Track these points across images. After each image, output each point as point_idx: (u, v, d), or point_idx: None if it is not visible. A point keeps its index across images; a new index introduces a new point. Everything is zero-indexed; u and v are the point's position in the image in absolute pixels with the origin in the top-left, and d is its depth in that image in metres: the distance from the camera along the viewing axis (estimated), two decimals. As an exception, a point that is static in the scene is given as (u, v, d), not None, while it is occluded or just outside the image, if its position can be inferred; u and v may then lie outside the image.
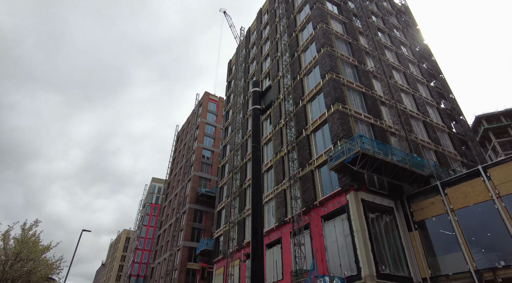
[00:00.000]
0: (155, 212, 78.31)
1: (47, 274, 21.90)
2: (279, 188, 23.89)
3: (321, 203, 19.09)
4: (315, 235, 18.94)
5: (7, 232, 21.23)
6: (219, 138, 57.45)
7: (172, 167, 67.18)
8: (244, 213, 28.40)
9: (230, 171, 34.56)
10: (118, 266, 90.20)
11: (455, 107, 30.15)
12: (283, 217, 22.03)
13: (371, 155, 16.29)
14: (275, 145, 26.45)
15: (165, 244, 51.89)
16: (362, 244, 15.44)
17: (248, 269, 25.56)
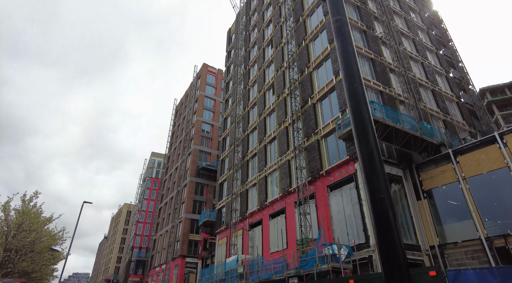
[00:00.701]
0: (156, 186, 78.71)
1: (50, 244, 21.84)
2: (283, 158, 23.39)
3: (328, 172, 18.65)
4: (320, 204, 18.66)
5: (7, 203, 20.89)
6: (218, 112, 56.45)
7: (172, 141, 66.60)
8: (246, 184, 28.13)
9: (231, 144, 33.98)
10: (120, 238, 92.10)
11: (464, 76, 29.14)
12: (287, 188, 21.71)
13: (382, 121, 15.60)
14: (278, 115, 25.65)
15: (167, 216, 52.39)
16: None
17: (251, 239, 25.68)
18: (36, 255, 21.40)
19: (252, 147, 29.46)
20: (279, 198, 22.51)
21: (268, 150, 26.34)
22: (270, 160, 25.66)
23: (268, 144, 26.48)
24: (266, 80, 30.03)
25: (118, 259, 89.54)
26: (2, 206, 20.86)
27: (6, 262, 19.90)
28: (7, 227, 20.56)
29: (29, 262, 20.82)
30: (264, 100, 29.08)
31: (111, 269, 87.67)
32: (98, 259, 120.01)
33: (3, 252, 20.04)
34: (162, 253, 49.20)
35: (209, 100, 56.41)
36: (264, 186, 24.85)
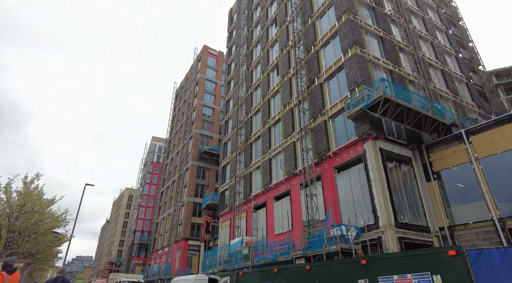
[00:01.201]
0: (157, 171, 78.71)
1: (54, 226, 21.71)
2: (288, 140, 22.94)
3: (335, 153, 18.23)
4: (327, 186, 18.36)
5: (8, 185, 20.59)
6: (219, 95, 55.62)
7: (172, 125, 66.02)
8: (250, 167, 27.80)
9: (234, 126, 33.46)
10: (122, 222, 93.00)
11: (474, 56, 28.31)
12: (292, 170, 21.36)
13: (394, 100, 15.05)
14: (283, 96, 25.01)
15: (169, 200, 52.50)
16: (380, 194, 14.82)
17: (254, 221, 25.58)
18: (40, 237, 21.30)
19: (255, 129, 28.96)
20: (284, 180, 22.21)
21: (272, 132, 25.85)
22: (274, 142, 25.22)
23: (272, 126, 25.97)
24: (270, 61, 29.20)
25: (121, 243, 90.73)
26: (3, 187, 20.56)
27: (10, 243, 19.79)
28: (9, 209, 20.33)
29: (33, 244, 20.73)
30: (268, 82, 28.35)
31: (113, 252, 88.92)
32: (101, 243, 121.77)
33: (6, 233, 19.90)
34: (164, 236, 49.58)
35: (210, 83, 55.45)
36: (269, 168, 24.51)
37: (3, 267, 6.18)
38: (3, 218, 20.09)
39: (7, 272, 6.07)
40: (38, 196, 21.44)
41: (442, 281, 8.27)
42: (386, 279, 9.82)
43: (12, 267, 6.19)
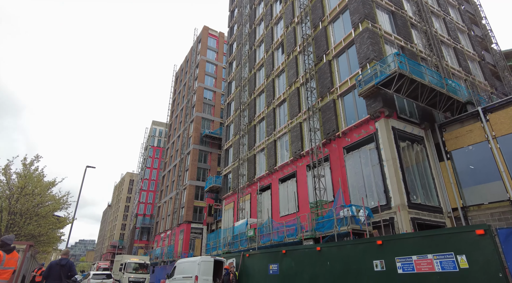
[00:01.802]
0: (158, 155, 78.35)
1: (55, 208, 21.34)
2: (294, 121, 22.25)
3: (344, 133, 17.60)
4: (335, 167, 17.82)
5: (8, 166, 20.05)
6: (220, 78, 54.47)
7: (173, 108, 65.09)
8: (254, 149, 27.24)
9: (237, 108, 32.66)
10: (124, 206, 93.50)
11: (486, 34, 27.23)
12: (298, 151, 20.79)
13: (409, 76, 14.28)
14: (289, 75, 24.12)
15: (171, 184, 52.30)
16: (393, 173, 14.29)
17: (259, 203, 25.25)
18: (42, 219, 20.95)
19: (259, 110, 28.20)
20: (289, 161, 21.67)
21: (277, 113, 25.12)
22: (279, 124, 24.53)
23: (277, 107, 25.21)
24: (275, 39, 28.09)
25: (123, 226, 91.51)
26: (2, 169, 20.03)
27: (11, 225, 19.45)
28: (9, 191, 19.87)
29: (35, 226, 20.40)
30: (272, 61, 27.36)
31: (116, 235, 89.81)
32: (103, 227, 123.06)
33: (7, 215, 19.52)
34: (166, 219, 49.66)
35: (210, 65, 54.16)
36: (273, 150, 23.94)
37: (0, 246, 5.66)
38: (4, 200, 19.66)
39: (4, 251, 5.56)
40: (38, 178, 20.95)
41: (467, 262, 7.81)
42: (404, 260, 9.38)
43: (10, 246, 5.68)
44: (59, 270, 6.85)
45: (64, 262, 6.95)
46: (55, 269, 6.86)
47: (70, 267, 7.01)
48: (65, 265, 6.95)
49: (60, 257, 7.22)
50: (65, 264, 6.91)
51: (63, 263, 6.93)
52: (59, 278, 6.76)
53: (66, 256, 7.23)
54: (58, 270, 6.83)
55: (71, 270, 7.00)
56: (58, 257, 59.64)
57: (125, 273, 24.65)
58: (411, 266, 9.12)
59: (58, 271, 6.82)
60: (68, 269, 6.96)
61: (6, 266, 5.49)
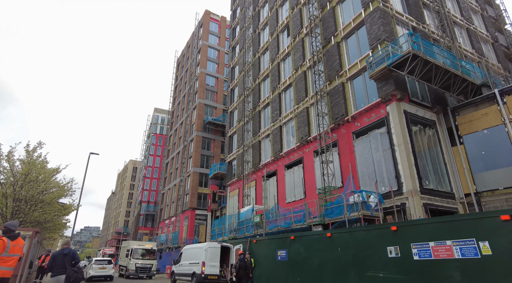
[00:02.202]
0: (160, 142, 78.19)
1: (60, 195, 21.20)
2: (300, 106, 21.73)
3: (354, 117, 17.10)
4: (344, 152, 17.42)
5: (11, 153, 19.80)
6: (223, 64, 53.52)
7: (175, 95, 64.40)
8: (259, 135, 26.82)
9: (240, 94, 32.06)
10: (127, 194, 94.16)
11: (500, 15, 26.21)
12: (305, 137, 20.36)
13: (423, 57, 13.66)
14: (295, 59, 23.43)
15: (174, 171, 52.26)
16: (404, 158, 13.88)
17: (264, 190, 25.04)
18: (47, 206, 20.86)
19: (264, 96, 27.62)
20: (296, 147, 21.28)
21: (282, 98, 24.55)
22: (285, 109, 24.01)
23: (282, 92, 24.62)
24: (280, 21, 27.20)
25: (127, 213, 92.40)
26: (5, 156, 19.77)
27: (17, 212, 19.35)
28: (13, 178, 19.69)
29: (40, 212, 20.31)
30: (277, 44, 26.57)
31: (120, 222, 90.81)
32: (108, 213, 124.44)
33: (12, 202, 19.42)
34: (171, 206, 49.86)
35: (212, 50, 53.13)
36: (279, 136, 23.51)
37: (4, 232, 5.36)
38: (8, 186, 19.51)
39: (8, 237, 5.26)
40: (42, 165, 20.73)
41: (490, 248, 7.49)
42: (420, 246, 9.09)
43: (14, 232, 5.39)
44: (62, 259, 6.93)
45: (67, 251, 7.05)
46: (59, 258, 6.94)
47: (73, 255, 7.11)
48: (68, 254, 7.03)
49: (62, 247, 7.32)
50: (68, 253, 7.01)
51: (65, 252, 7.03)
52: (64, 267, 6.84)
53: (67, 245, 7.33)
54: (62, 259, 6.92)
55: (74, 258, 7.11)
56: None
57: (132, 259, 23.67)
58: (428, 253, 8.82)
59: (62, 260, 6.91)
60: (71, 257, 7.05)
61: (12, 253, 5.22)
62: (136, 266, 23.26)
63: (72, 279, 6.82)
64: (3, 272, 5.08)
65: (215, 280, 16.63)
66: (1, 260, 5.07)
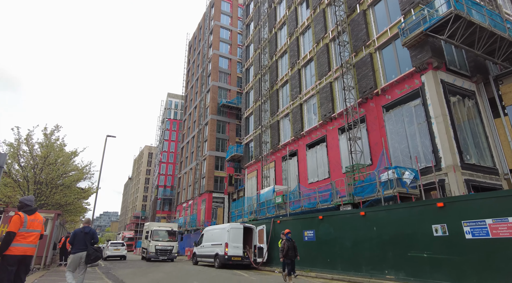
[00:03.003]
0: (175, 127, 78.24)
1: (79, 178, 21.06)
2: (323, 81, 20.54)
3: (384, 90, 15.89)
4: (373, 127, 16.33)
5: (29, 136, 19.61)
6: (236, 44, 52.08)
7: (188, 79, 63.61)
8: (277, 115, 25.86)
9: (256, 73, 30.91)
10: (144, 179, 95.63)
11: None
12: (329, 114, 19.29)
13: (467, 17, 12.23)
14: (315, 31, 22.03)
15: (190, 155, 52.17)
16: (443, 131, 12.74)
17: (284, 170, 24.31)
18: (67, 189, 20.79)
19: (282, 73, 26.43)
20: (318, 125, 20.26)
21: (302, 74, 23.34)
22: (305, 86, 22.85)
23: (302, 68, 23.39)
24: (298, -7, 25.61)
25: (144, 198, 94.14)
26: (24, 139, 19.61)
27: (38, 194, 19.32)
28: (33, 161, 19.57)
29: (61, 195, 20.27)
30: (295, 17, 25.10)
31: (138, 207, 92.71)
32: (125, 198, 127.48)
33: (33, 184, 19.38)
34: (188, 189, 50.05)
35: (225, 31, 51.62)
36: (299, 114, 22.49)
37: (20, 208, 4.81)
38: (29, 170, 19.43)
39: (25, 212, 4.69)
40: (60, 148, 20.52)
41: None
42: (474, 224, 8.16)
43: (31, 207, 4.83)
44: (83, 237, 7.13)
45: (88, 230, 7.26)
46: (80, 236, 7.14)
47: (93, 235, 7.31)
48: (89, 233, 7.24)
49: (82, 225, 7.58)
50: (88, 232, 7.23)
51: (86, 230, 7.23)
52: (84, 244, 7.07)
53: (88, 224, 7.54)
54: (83, 237, 7.13)
55: (94, 237, 7.31)
56: None
57: (151, 241, 22.61)
58: (485, 231, 7.90)
59: (83, 238, 7.12)
60: (91, 236, 7.26)
61: (30, 228, 4.69)
62: (156, 248, 22.24)
63: (92, 257, 7.01)
64: (24, 249, 4.56)
65: (238, 261, 16.25)
66: (21, 236, 4.59)
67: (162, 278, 11.62)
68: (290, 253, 9.87)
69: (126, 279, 11.19)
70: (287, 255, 9.85)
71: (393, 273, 9.96)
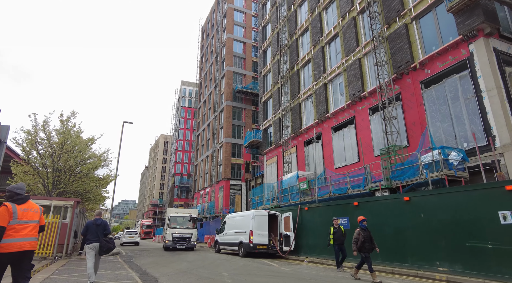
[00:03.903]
0: (190, 115, 77.83)
1: (97, 165, 20.58)
2: (350, 58, 19.03)
3: (422, 64, 14.34)
4: (410, 105, 14.88)
5: (46, 123, 19.12)
6: (250, 27, 50.35)
7: (201, 65, 62.49)
8: (298, 98, 24.52)
9: (274, 54, 29.45)
10: (160, 167, 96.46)
11: None
12: (358, 92, 17.86)
13: (529, -27, 10.50)
14: (340, 5, 20.36)
15: (206, 142, 51.60)
16: (497, 106, 11.24)
17: (307, 156, 23.17)
18: (85, 177, 20.37)
19: (303, 52, 24.92)
20: (346, 106, 18.89)
21: (326, 52, 21.82)
22: (330, 64, 21.36)
23: (326, 45, 21.84)
24: (320, -36, 23.77)
25: (161, 186, 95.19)
26: (41, 126, 19.13)
27: (57, 182, 18.94)
28: (51, 148, 19.12)
29: (79, 183, 19.86)
30: (317, -8, 23.35)
31: (155, 195, 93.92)
32: (142, 187, 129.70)
33: (52, 172, 19.00)
34: (205, 177, 49.71)
35: (239, 14, 49.87)
36: (324, 95, 21.11)
37: (8, 198, 3.89)
38: (47, 157, 19.01)
39: (14, 201, 3.77)
40: (77, 134, 20.00)
41: None
42: (556, 209, 6.86)
43: (21, 196, 3.91)
44: (95, 229, 7.36)
45: (99, 222, 7.50)
46: (92, 228, 7.36)
47: (105, 226, 7.56)
48: (100, 225, 7.48)
49: (94, 217, 7.71)
50: (100, 224, 7.47)
51: (98, 222, 7.46)
52: (97, 235, 7.31)
53: (99, 216, 7.70)
54: (95, 229, 7.36)
55: (106, 229, 7.56)
56: (104, 216, 63.80)
57: (168, 229, 20.70)
58: None
59: (95, 229, 7.36)
60: (103, 228, 7.52)
61: (23, 219, 3.79)
62: (173, 236, 20.31)
63: (104, 249, 7.32)
64: (21, 244, 3.69)
65: (264, 249, 15.42)
66: (13, 230, 3.70)
67: (187, 268, 10.88)
68: (366, 245, 8.15)
69: (149, 269, 10.50)
70: (363, 247, 8.14)
71: (447, 265, 8.81)
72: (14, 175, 18.96)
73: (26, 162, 19.09)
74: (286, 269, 10.86)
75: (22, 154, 18.86)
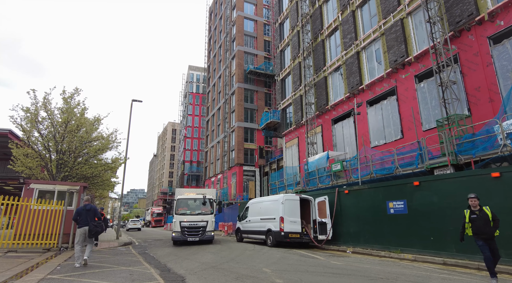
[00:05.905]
0: (198, 101, 75.66)
1: (105, 146, 18.68)
2: (389, 20, 16.47)
3: (491, 15, 11.80)
4: (472, 68, 12.42)
5: (46, 100, 17.16)
6: (261, 4, 47.41)
7: (210, 48, 59.82)
8: (323, 71, 22.07)
9: (294, 26, 26.82)
10: (169, 155, 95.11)
11: None
12: (401, 58, 15.41)
13: None
14: (376, -41, 17.62)
15: (216, 128, 49.54)
16: None
17: (334, 135, 20.91)
18: (92, 159, 18.51)
19: (329, 20, 22.30)
20: (385, 75, 16.46)
21: (358, 16, 19.22)
22: (363, 30, 18.79)
23: (357, 8, 19.23)
24: None
25: (170, 174, 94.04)
26: (42, 104, 17.16)
27: (61, 165, 17.08)
28: (53, 128, 17.19)
29: (86, 167, 18.00)
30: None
31: (164, 183, 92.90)
32: (151, 175, 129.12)
33: (56, 154, 17.14)
34: (216, 163, 47.89)
35: (249, -11, 46.80)
36: (356, 65, 18.66)
37: None
38: (50, 138, 17.11)
39: None
40: (81, 113, 18.03)
41: None
42: None
43: None
44: (86, 214, 7.82)
45: (89, 207, 7.93)
46: (83, 213, 7.82)
47: (94, 211, 8.03)
48: (90, 210, 7.93)
49: (83, 203, 8.07)
50: (90, 209, 7.92)
51: (88, 208, 7.90)
52: (86, 220, 7.79)
53: (88, 202, 8.13)
54: (85, 214, 7.82)
55: (96, 214, 8.03)
56: (114, 204, 64.91)
57: (175, 216, 14.94)
58: None
59: (85, 214, 7.82)
60: (93, 213, 7.98)
61: None
62: (181, 225, 14.52)
63: (93, 232, 7.80)
64: None
65: (297, 238, 13.41)
66: None
67: (214, 261, 8.91)
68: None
69: (170, 264, 8.56)
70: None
71: None
72: (14, 158, 17.21)
73: (27, 144, 17.30)
74: (337, 262, 8.80)
75: (22, 135, 17.05)
